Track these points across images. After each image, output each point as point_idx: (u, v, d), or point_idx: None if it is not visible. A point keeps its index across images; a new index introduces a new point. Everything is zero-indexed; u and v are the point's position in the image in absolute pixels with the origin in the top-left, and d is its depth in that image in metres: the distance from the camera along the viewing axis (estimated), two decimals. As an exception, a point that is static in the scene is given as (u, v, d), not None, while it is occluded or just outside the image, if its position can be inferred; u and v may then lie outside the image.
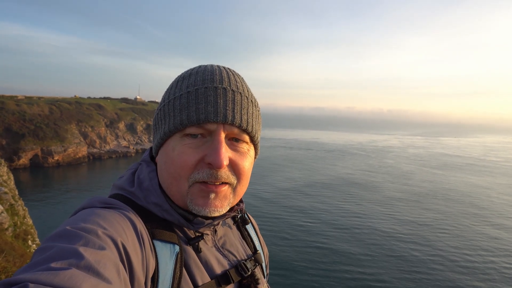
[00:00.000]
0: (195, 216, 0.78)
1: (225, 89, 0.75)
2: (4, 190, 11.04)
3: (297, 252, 20.48)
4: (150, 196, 0.77)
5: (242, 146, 0.79)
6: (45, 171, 44.68)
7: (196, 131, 0.74)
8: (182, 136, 0.75)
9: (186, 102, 0.74)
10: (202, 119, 0.72)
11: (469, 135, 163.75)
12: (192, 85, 0.76)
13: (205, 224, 0.78)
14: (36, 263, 0.51)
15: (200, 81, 0.76)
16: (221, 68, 0.81)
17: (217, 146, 0.72)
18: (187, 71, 0.82)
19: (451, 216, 28.97)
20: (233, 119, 0.74)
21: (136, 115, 68.26)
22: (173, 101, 0.77)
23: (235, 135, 0.76)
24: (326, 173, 45.88)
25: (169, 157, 0.76)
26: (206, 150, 0.74)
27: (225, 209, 0.78)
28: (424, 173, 49.02)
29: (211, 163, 0.73)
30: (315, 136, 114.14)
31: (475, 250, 21.96)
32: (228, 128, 0.74)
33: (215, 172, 0.73)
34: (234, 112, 0.74)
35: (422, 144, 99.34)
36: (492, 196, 36.91)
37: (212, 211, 0.75)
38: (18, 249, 7.75)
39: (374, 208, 30.13)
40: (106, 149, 57.90)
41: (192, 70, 0.81)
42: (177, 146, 0.75)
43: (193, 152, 0.74)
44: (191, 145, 0.74)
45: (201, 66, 0.82)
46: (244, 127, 0.76)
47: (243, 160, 0.78)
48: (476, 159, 69.80)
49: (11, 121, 47.28)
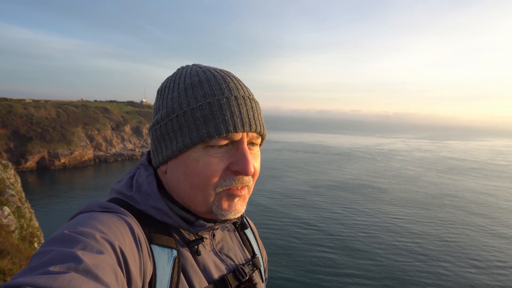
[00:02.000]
0: (197, 218, 0.78)
1: (244, 98, 0.77)
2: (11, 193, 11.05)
3: (299, 256, 20.31)
4: (149, 200, 0.77)
5: (256, 149, 0.82)
6: (52, 174, 44.96)
7: (223, 142, 0.74)
8: (206, 147, 0.75)
9: (210, 114, 0.74)
10: (231, 130, 0.73)
11: (476, 138, 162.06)
12: (209, 95, 0.75)
13: (206, 227, 0.79)
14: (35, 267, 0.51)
15: (217, 90, 0.76)
16: (228, 74, 0.81)
17: (245, 155, 0.74)
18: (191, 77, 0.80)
19: (458, 221, 28.60)
20: (255, 127, 0.77)
21: (142, 118, 68.55)
22: (191, 112, 0.75)
23: (253, 140, 0.79)
24: (332, 177, 45.60)
25: (191, 168, 0.75)
26: (231, 159, 0.75)
27: (243, 210, 0.81)
28: (431, 177, 48.50)
29: (239, 171, 0.74)
30: (320, 139, 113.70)
31: (483, 256, 21.62)
32: (250, 135, 0.77)
33: (241, 178, 0.76)
34: (255, 120, 0.77)
35: (428, 147, 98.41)
36: (500, 201, 36.40)
37: (235, 214, 0.78)
38: (24, 251, 7.74)
39: (379, 212, 29.84)
40: (112, 152, 58.19)
41: (199, 77, 0.79)
42: (201, 158, 0.74)
43: (219, 162, 0.74)
44: (217, 156, 0.75)
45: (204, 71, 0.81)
46: (262, 132, 0.80)
47: (257, 162, 0.81)
48: (483, 163, 68.94)
49: (19, 124, 47.72)
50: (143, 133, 66.29)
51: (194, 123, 0.74)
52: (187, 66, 0.85)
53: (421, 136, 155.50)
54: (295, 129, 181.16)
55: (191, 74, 0.80)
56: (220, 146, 0.75)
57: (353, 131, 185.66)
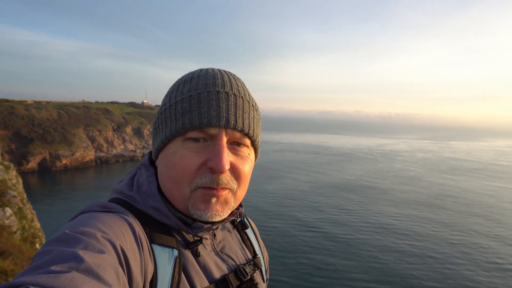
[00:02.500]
0: (194, 220, 0.77)
1: (227, 93, 0.75)
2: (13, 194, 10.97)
3: (299, 256, 20.19)
4: (148, 200, 0.77)
5: (243, 150, 0.79)
6: (53, 175, 44.96)
7: (198, 135, 0.74)
8: (184, 140, 0.74)
9: (188, 106, 0.74)
10: (205, 123, 0.72)
11: (479, 139, 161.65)
12: (194, 89, 0.76)
13: (204, 229, 0.78)
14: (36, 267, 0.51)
15: (202, 85, 0.76)
16: (222, 72, 0.80)
17: (219, 150, 0.72)
18: (188, 74, 0.82)
19: (460, 222, 28.44)
20: (235, 124, 0.74)
21: (143, 119, 68.57)
22: (175, 105, 0.76)
23: (236, 139, 0.77)
24: (333, 177, 45.48)
25: (170, 160, 0.75)
26: (208, 154, 0.74)
27: (226, 214, 0.78)
28: (433, 178, 48.31)
29: (213, 168, 0.72)
30: (322, 140, 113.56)
31: (485, 257, 21.46)
32: (230, 133, 0.75)
33: (217, 177, 0.73)
34: (236, 117, 0.74)
35: (431, 148, 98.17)
36: (502, 202, 36.20)
37: (214, 216, 0.75)
38: (26, 252, 7.66)
39: (380, 213, 29.70)
40: (113, 153, 58.19)
41: (193, 74, 0.80)
42: (178, 150, 0.74)
43: (195, 156, 0.73)
44: (193, 149, 0.74)
45: (202, 69, 0.81)
46: (246, 131, 0.76)
47: (243, 164, 0.78)
48: (486, 163, 68.68)
49: (20, 125, 47.77)
50: (144, 134, 66.31)
51: (175, 115, 0.75)
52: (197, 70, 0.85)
53: (423, 137, 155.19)
54: (297, 130, 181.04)
55: (193, 72, 0.81)
56: (196, 139, 0.74)
57: (355, 131, 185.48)
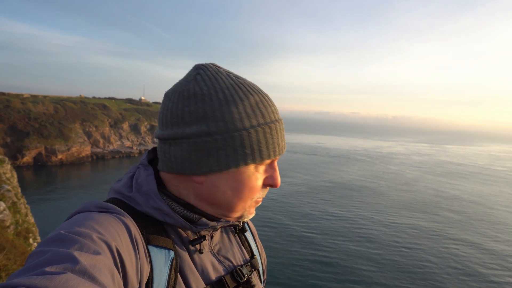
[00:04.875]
0: (200, 216, 0.79)
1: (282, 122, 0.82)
2: (7, 188, 10.90)
3: (296, 257, 20.21)
4: (149, 201, 0.76)
5: None
6: (48, 170, 44.70)
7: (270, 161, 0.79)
8: (257, 165, 0.77)
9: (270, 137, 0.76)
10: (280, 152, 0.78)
11: (474, 143, 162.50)
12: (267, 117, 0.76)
13: (209, 226, 0.79)
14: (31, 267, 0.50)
15: (271, 112, 0.78)
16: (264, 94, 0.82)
17: (277, 172, 0.81)
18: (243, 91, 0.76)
19: (455, 225, 28.60)
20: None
21: (140, 115, 68.34)
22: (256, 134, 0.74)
23: None
24: (329, 179, 45.57)
25: (243, 184, 0.76)
26: (266, 173, 0.80)
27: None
28: (429, 181, 48.56)
29: (272, 185, 0.80)
30: (319, 140, 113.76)
31: (479, 261, 21.58)
32: None
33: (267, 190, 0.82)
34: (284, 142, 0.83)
35: (427, 151, 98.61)
36: (497, 206, 36.43)
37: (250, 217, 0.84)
38: (19, 247, 7.60)
39: (375, 215, 29.80)
40: (110, 149, 57.96)
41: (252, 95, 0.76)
42: (253, 175, 0.77)
43: (260, 178, 0.79)
44: (261, 173, 0.79)
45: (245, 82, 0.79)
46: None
47: None
48: (481, 168, 69.12)
49: (16, 119, 47.43)
50: (141, 130, 66.09)
51: (257, 144, 0.74)
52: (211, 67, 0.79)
53: (419, 140, 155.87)
54: (294, 130, 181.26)
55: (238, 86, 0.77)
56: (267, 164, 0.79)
57: (352, 133, 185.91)
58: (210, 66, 0.79)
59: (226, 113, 0.73)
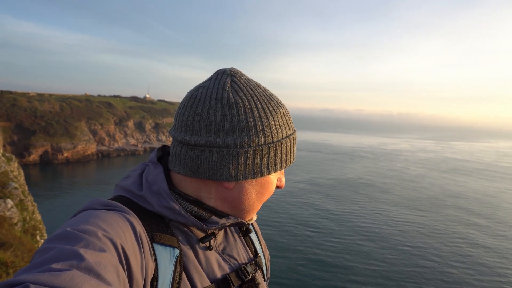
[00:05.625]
0: (212, 214, 0.80)
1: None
2: (14, 186, 11.00)
3: (299, 255, 20.24)
4: (161, 200, 0.76)
5: None
6: (55, 168, 45.14)
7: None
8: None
9: (291, 146, 0.83)
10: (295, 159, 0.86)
11: (481, 139, 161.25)
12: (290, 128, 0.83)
13: (219, 224, 0.79)
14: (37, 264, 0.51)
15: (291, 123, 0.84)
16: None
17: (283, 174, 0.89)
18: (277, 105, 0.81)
19: (460, 222, 28.45)
20: None
21: (145, 113, 68.62)
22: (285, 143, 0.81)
23: None
24: (334, 176, 45.51)
25: (266, 189, 0.82)
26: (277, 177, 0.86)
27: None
28: (434, 178, 48.31)
29: (279, 187, 0.87)
30: (324, 138, 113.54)
31: (485, 258, 21.47)
32: None
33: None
34: None
35: (432, 148, 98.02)
36: (503, 203, 36.17)
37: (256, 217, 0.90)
38: (27, 244, 7.70)
39: (380, 212, 29.72)
40: (115, 147, 58.33)
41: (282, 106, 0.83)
42: (274, 181, 0.83)
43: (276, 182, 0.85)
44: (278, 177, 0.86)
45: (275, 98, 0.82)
46: None
47: None
48: (488, 164, 68.61)
49: (23, 117, 47.92)
50: (145, 128, 66.36)
51: (285, 153, 0.81)
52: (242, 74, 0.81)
53: (425, 137, 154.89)
54: (298, 127, 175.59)
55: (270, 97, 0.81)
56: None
57: (356, 130, 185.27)
58: (240, 73, 0.81)
59: (266, 126, 0.76)
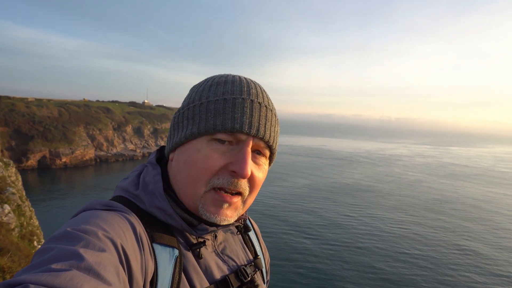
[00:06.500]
0: (200, 222, 0.78)
1: (260, 104, 0.78)
2: (12, 191, 11.00)
3: (297, 259, 20.21)
4: (154, 200, 0.77)
5: (261, 160, 0.81)
6: (53, 173, 44.98)
7: (227, 138, 0.75)
8: (210, 139, 0.76)
9: (223, 108, 0.75)
10: (237, 128, 0.74)
11: (478, 145, 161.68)
12: (229, 92, 0.77)
13: (208, 231, 0.78)
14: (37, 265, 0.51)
15: (237, 91, 0.77)
16: (255, 82, 0.83)
17: (245, 157, 0.74)
18: (220, 77, 0.82)
19: (458, 227, 28.47)
20: (263, 134, 0.77)
21: (144, 119, 68.62)
22: (207, 104, 0.77)
23: (259, 148, 0.79)
24: (332, 181, 45.51)
25: (191, 158, 0.76)
26: (231, 158, 0.75)
27: (234, 219, 0.79)
28: (432, 183, 48.36)
29: (235, 172, 0.74)
30: (322, 143, 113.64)
31: (481, 263, 21.47)
32: (256, 141, 0.77)
33: (236, 181, 0.75)
34: (265, 128, 0.78)
35: (430, 153, 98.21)
36: (501, 208, 36.21)
37: (223, 220, 0.77)
38: (24, 250, 7.69)
39: (378, 217, 29.71)
40: (113, 152, 58.22)
41: (226, 78, 0.81)
42: (203, 149, 0.76)
43: (219, 158, 0.75)
44: (218, 150, 0.75)
45: (234, 76, 0.83)
46: (270, 143, 0.80)
47: (259, 173, 0.80)
48: (485, 169, 68.77)
49: (21, 122, 47.82)
50: (144, 133, 66.34)
51: (205, 114, 0.76)
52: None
53: (422, 142, 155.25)
54: (296, 132, 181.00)
55: (222, 75, 0.83)
56: (223, 141, 0.76)
57: (354, 135, 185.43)
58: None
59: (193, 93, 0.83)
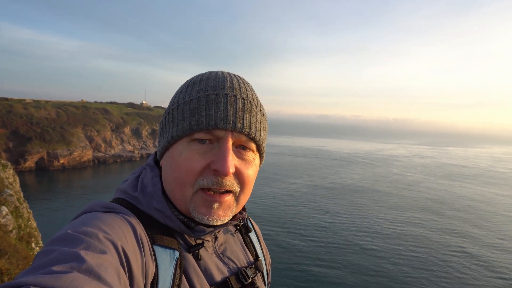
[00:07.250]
0: (197, 223, 0.77)
1: (236, 97, 0.75)
2: (10, 193, 10.95)
3: (296, 260, 20.19)
4: (152, 202, 0.76)
5: (248, 154, 0.79)
6: (51, 174, 44.85)
7: (204, 136, 0.74)
8: (190, 141, 0.75)
9: (196, 107, 0.74)
10: (212, 125, 0.72)
11: (476, 145, 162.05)
12: (202, 90, 0.76)
13: (206, 232, 0.78)
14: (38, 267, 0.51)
15: (211, 87, 0.76)
16: (232, 76, 0.80)
17: (225, 154, 0.72)
18: (197, 76, 0.81)
19: (456, 228, 28.52)
20: (242, 127, 0.74)
21: (142, 120, 68.56)
22: (183, 106, 0.76)
23: (242, 142, 0.77)
24: (331, 182, 45.54)
25: (175, 161, 0.75)
26: (213, 157, 0.73)
27: (228, 218, 0.78)
28: (430, 183, 48.46)
29: (217, 170, 0.72)
30: (321, 144, 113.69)
31: (478, 264, 21.50)
32: (236, 136, 0.75)
33: (220, 180, 0.73)
34: (244, 120, 0.75)
35: (429, 153, 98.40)
36: (499, 208, 36.29)
37: (215, 220, 0.75)
38: (22, 252, 7.64)
39: (377, 217, 29.74)
40: (111, 153, 58.10)
41: (202, 76, 0.80)
42: (184, 151, 0.75)
43: (200, 158, 0.73)
44: (198, 151, 0.74)
45: (212, 72, 0.82)
46: (252, 135, 0.76)
47: (248, 168, 0.78)
48: (483, 169, 68.98)
49: (19, 124, 47.69)
50: (142, 135, 66.25)
51: (182, 116, 0.75)
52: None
53: (421, 142, 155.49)
54: (295, 133, 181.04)
55: (200, 74, 0.82)
56: (202, 141, 0.74)
57: (353, 136, 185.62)
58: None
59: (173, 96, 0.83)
